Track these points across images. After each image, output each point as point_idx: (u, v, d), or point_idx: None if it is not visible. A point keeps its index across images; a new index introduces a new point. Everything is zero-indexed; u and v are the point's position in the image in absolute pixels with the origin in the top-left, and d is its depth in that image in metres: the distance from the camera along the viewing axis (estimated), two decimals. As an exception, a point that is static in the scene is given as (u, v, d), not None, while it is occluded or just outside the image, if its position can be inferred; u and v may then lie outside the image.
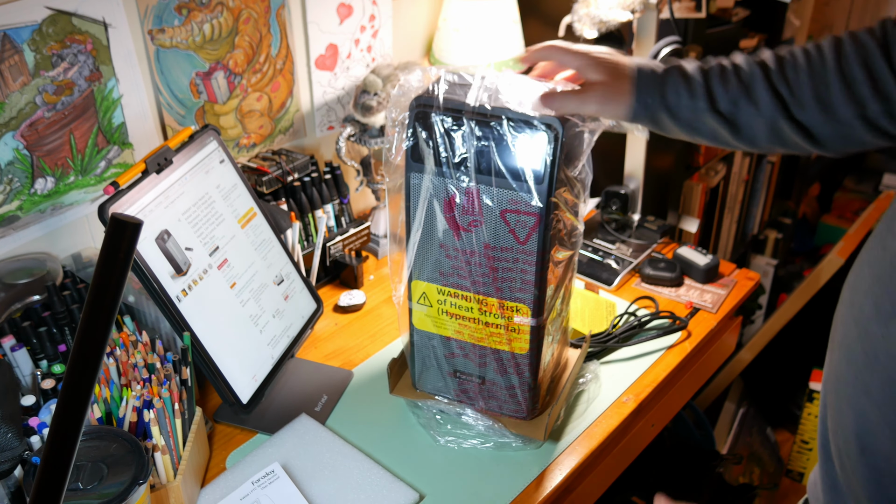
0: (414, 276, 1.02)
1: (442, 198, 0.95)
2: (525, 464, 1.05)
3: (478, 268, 0.98)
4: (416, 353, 1.09)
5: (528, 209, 0.92)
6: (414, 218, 0.98)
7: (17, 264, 1.14)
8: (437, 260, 0.99)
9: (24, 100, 1.09)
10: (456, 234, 0.96)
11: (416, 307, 1.04)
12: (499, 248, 0.95)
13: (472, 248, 0.96)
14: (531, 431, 1.07)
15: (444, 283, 1.01)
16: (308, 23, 1.41)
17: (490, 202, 0.93)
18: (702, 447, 1.78)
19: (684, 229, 1.80)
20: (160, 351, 1.05)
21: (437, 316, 1.04)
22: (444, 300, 1.02)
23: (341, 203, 1.47)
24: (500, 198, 0.93)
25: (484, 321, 1.01)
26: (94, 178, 1.22)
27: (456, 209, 0.95)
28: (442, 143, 0.92)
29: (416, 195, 0.96)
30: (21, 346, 1.04)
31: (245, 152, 1.44)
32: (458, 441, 1.08)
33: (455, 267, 0.99)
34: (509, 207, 0.93)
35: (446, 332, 1.05)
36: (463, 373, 1.07)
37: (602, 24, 1.32)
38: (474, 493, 1.01)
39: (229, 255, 1.11)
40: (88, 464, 0.85)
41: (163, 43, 1.23)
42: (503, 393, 1.06)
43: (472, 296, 1.00)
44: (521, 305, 0.98)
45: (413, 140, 0.94)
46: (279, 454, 1.04)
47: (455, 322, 1.03)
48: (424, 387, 1.12)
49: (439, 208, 0.96)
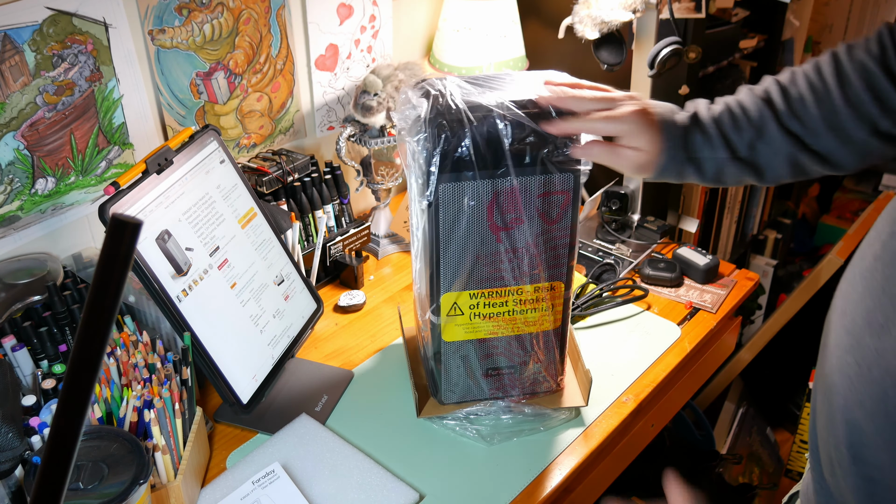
0: (444, 291, 1.01)
1: (484, 203, 0.95)
2: (525, 463, 1.05)
3: (516, 261, 0.99)
4: (445, 367, 1.07)
5: (563, 188, 0.96)
6: (451, 232, 0.96)
7: (18, 264, 1.14)
8: (471, 266, 0.99)
9: (24, 100, 1.09)
10: (497, 235, 0.97)
11: (446, 320, 1.03)
12: (538, 234, 0.98)
13: (514, 244, 0.98)
14: (567, 400, 1.12)
15: (478, 287, 1.01)
16: (308, 23, 1.41)
17: (528, 193, 0.95)
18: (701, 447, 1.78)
19: (684, 229, 1.80)
20: (160, 351, 1.05)
21: (469, 322, 1.04)
22: (476, 304, 1.02)
23: (341, 203, 1.47)
24: (535, 186, 0.95)
25: (519, 310, 1.03)
26: (94, 179, 1.22)
27: (496, 210, 0.96)
28: (475, 149, 0.91)
29: (449, 209, 0.95)
30: (22, 346, 1.04)
31: (245, 152, 1.44)
32: (506, 437, 1.08)
33: (491, 267, 1.00)
34: (545, 191, 0.95)
35: (480, 335, 1.05)
36: (497, 369, 1.08)
37: (602, 24, 1.33)
38: (474, 492, 1.01)
39: (230, 255, 1.11)
40: (89, 464, 0.85)
41: (163, 43, 1.23)
42: (537, 374, 1.09)
43: (506, 290, 1.01)
44: (555, 283, 1.02)
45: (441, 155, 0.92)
46: (279, 454, 1.04)
47: (489, 323, 1.04)
48: (452, 398, 1.10)
49: (480, 213, 0.96)
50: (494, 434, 1.08)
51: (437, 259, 0.98)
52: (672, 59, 1.35)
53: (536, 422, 1.10)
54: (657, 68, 1.35)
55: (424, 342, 1.10)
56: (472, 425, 1.08)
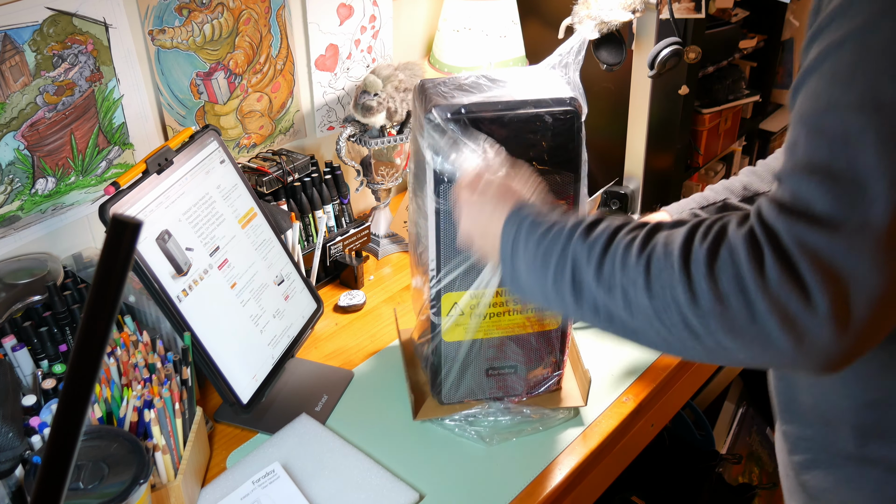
0: (444, 291, 1.01)
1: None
2: (525, 463, 1.05)
3: None
4: (446, 367, 1.07)
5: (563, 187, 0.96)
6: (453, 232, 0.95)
7: (18, 264, 1.14)
8: (472, 266, 0.98)
9: (25, 100, 1.09)
10: None
11: (446, 320, 1.03)
12: None
13: None
14: (567, 400, 1.12)
15: (478, 287, 1.00)
16: (308, 23, 1.42)
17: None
18: (701, 447, 1.78)
19: (684, 229, 1.79)
20: (161, 351, 1.05)
21: (468, 322, 1.04)
22: (476, 303, 1.02)
23: (341, 203, 1.47)
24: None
25: (519, 310, 1.03)
26: (94, 179, 1.22)
27: None
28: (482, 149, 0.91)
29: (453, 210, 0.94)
30: (22, 346, 1.04)
31: (245, 152, 1.44)
32: (505, 437, 1.08)
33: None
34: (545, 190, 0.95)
35: (480, 335, 1.05)
36: (497, 369, 1.08)
37: (602, 24, 1.33)
38: (474, 492, 1.01)
39: (230, 255, 1.11)
40: (89, 463, 0.85)
41: (163, 43, 1.23)
42: (537, 373, 1.09)
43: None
44: None
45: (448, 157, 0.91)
46: (279, 454, 1.04)
47: (488, 322, 1.04)
48: (453, 398, 1.11)
49: None
50: (494, 434, 1.08)
51: (438, 259, 0.98)
52: (672, 59, 1.34)
53: (536, 422, 1.10)
54: (657, 68, 1.35)
55: (425, 342, 1.10)
56: (471, 426, 1.09)
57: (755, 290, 0.55)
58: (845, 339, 0.53)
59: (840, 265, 0.52)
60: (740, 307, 0.56)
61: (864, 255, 0.52)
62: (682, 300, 0.59)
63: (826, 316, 0.53)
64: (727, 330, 0.57)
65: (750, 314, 0.55)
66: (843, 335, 0.53)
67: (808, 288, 0.53)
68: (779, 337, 0.55)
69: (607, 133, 1.58)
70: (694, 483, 1.69)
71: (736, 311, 0.56)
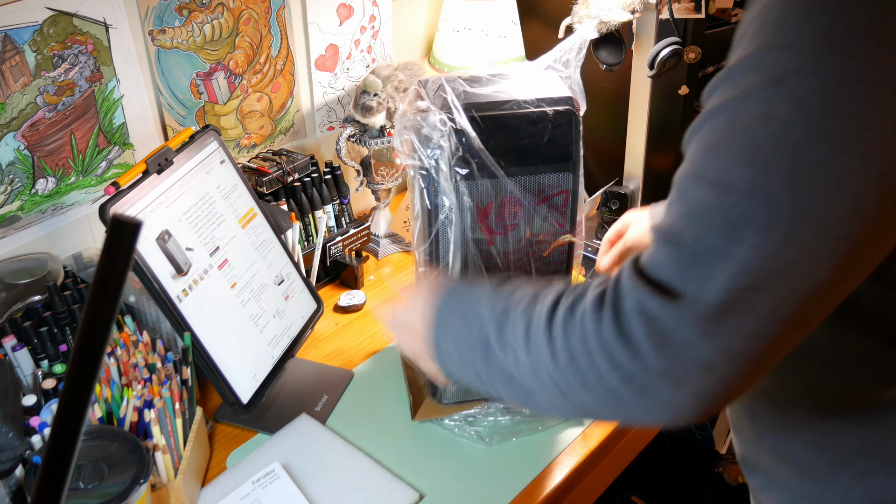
0: None
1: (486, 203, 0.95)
2: (524, 463, 1.05)
3: (517, 261, 1.00)
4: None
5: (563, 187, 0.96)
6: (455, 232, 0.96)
7: (18, 264, 1.14)
8: (472, 266, 0.99)
9: (25, 100, 1.09)
10: (497, 235, 0.98)
11: None
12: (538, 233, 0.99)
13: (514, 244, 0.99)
14: None
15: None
16: (308, 23, 1.42)
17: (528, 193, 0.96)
18: (701, 447, 1.78)
19: (684, 229, 1.80)
20: (161, 351, 1.05)
21: None
22: None
23: (341, 203, 1.47)
24: (535, 186, 0.96)
25: None
26: (94, 179, 1.22)
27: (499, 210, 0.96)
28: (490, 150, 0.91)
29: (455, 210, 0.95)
30: (22, 346, 1.04)
31: (245, 153, 1.44)
32: (505, 437, 1.08)
33: (491, 262, 1.00)
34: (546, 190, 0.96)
35: None
36: None
37: (602, 24, 1.33)
38: (474, 492, 1.01)
39: (230, 255, 1.11)
40: (89, 463, 0.85)
41: (163, 43, 1.23)
42: None
43: None
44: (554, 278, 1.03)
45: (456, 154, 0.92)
46: (279, 454, 1.04)
47: None
48: (453, 398, 1.10)
49: (483, 213, 0.96)
50: (493, 434, 1.08)
51: (439, 259, 0.98)
52: (672, 59, 1.35)
53: (535, 422, 1.10)
54: (657, 68, 1.35)
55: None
56: (470, 427, 1.09)
57: (596, 348, 0.57)
58: (682, 394, 0.54)
59: (670, 331, 0.54)
60: (588, 365, 0.58)
61: (693, 327, 0.53)
62: (545, 357, 0.61)
63: (660, 373, 0.54)
64: (582, 387, 0.59)
65: (596, 371, 0.57)
66: (678, 390, 0.54)
67: (639, 348, 0.55)
68: (623, 392, 0.56)
69: (607, 133, 1.58)
70: (694, 483, 1.69)
71: (585, 368, 0.58)
